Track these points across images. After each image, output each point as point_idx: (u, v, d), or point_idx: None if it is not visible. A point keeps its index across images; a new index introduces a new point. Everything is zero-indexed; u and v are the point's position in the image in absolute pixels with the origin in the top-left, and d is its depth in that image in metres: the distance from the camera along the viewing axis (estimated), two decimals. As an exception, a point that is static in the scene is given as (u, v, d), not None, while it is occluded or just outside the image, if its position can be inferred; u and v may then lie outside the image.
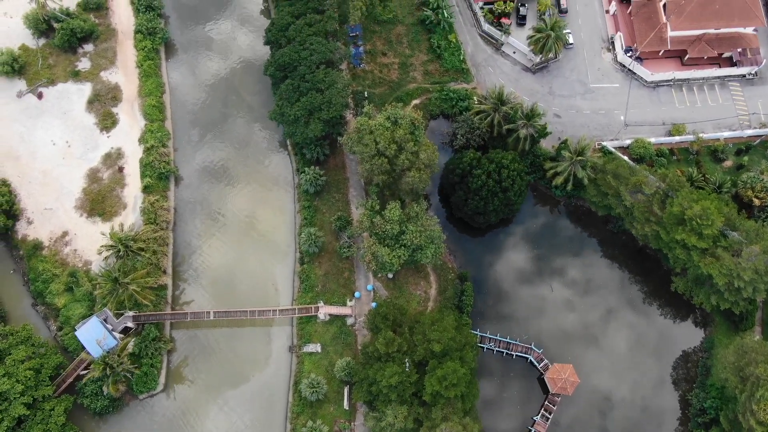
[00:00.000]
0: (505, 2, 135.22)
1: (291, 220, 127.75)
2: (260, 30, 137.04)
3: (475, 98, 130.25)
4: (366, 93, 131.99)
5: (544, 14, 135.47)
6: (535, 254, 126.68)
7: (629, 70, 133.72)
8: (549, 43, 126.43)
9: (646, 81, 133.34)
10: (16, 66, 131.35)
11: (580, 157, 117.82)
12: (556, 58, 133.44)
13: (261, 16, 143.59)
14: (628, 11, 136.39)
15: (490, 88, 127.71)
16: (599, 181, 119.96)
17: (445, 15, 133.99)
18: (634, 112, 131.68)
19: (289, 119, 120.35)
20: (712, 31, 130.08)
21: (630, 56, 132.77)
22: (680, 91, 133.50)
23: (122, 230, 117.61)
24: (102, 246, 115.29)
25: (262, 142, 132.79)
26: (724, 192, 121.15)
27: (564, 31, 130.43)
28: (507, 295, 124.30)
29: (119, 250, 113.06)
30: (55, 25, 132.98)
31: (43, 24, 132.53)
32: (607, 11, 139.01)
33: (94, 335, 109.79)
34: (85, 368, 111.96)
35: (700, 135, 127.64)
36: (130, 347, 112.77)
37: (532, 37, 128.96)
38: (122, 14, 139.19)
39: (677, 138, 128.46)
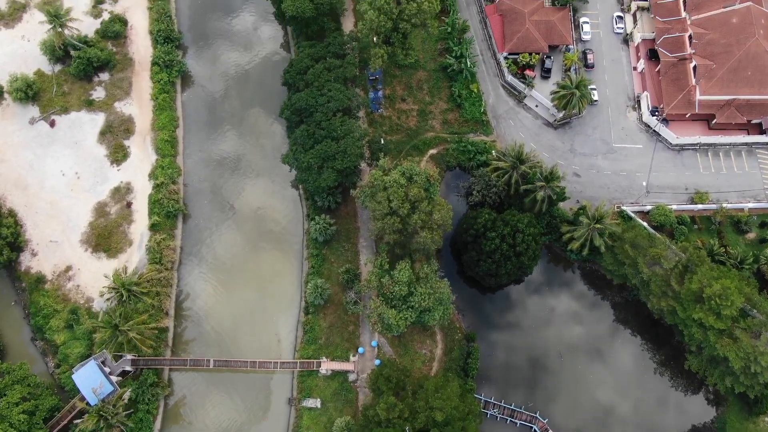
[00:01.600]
0: (530, 54, 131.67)
1: (298, 268, 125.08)
2: (279, 68, 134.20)
3: (493, 152, 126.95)
4: (382, 140, 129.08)
5: (570, 69, 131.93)
6: (545, 318, 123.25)
7: (654, 131, 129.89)
8: (573, 101, 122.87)
9: (670, 144, 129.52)
10: (30, 92, 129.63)
11: (598, 225, 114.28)
12: (580, 114, 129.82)
13: (281, 50, 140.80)
14: (656, 69, 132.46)
15: (510, 144, 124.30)
16: (616, 250, 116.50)
17: (468, 65, 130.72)
18: (656, 175, 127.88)
19: (302, 166, 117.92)
20: (742, 96, 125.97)
21: (656, 117, 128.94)
22: (705, 156, 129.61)
23: (126, 272, 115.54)
24: (104, 287, 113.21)
25: (273, 185, 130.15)
26: (745, 268, 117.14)
27: (589, 87, 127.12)
28: (514, 359, 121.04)
29: (122, 295, 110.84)
30: (72, 52, 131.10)
31: (59, 51, 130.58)
32: (635, 68, 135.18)
33: (91, 382, 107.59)
34: (79, 414, 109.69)
35: (724, 205, 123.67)
36: (126, 397, 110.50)
37: (556, 93, 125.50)
38: (140, 44, 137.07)
39: (700, 206, 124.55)
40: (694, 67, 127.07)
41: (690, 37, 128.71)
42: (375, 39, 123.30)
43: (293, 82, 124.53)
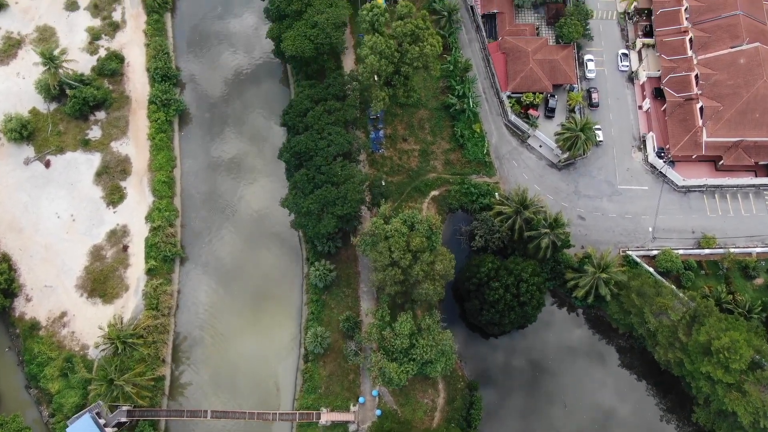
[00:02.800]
0: (534, 94, 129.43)
1: (297, 313, 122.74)
2: (278, 106, 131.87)
3: (496, 195, 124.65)
4: (383, 182, 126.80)
5: (575, 109, 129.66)
6: (549, 365, 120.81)
7: (660, 172, 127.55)
8: (578, 144, 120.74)
9: (676, 185, 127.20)
10: (24, 133, 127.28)
11: (604, 275, 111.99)
12: (584, 155, 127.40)
13: (281, 86, 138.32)
14: (662, 109, 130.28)
15: (513, 187, 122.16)
16: (622, 298, 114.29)
17: (471, 105, 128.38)
18: (662, 218, 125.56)
19: (301, 211, 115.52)
20: (750, 138, 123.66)
21: (663, 159, 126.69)
22: (712, 198, 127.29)
23: (122, 322, 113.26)
24: (100, 338, 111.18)
25: (272, 227, 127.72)
26: (753, 316, 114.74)
27: (594, 127, 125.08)
28: (517, 408, 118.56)
29: (117, 347, 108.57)
30: (68, 91, 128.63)
31: (55, 90, 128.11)
32: (640, 107, 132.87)
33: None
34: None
35: (731, 250, 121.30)
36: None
37: (560, 134, 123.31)
38: (137, 81, 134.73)
39: (706, 251, 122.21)
40: (701, 108, 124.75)
41: (696, 77, 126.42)
42: (376, 78, 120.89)
43: (292, 124, 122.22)
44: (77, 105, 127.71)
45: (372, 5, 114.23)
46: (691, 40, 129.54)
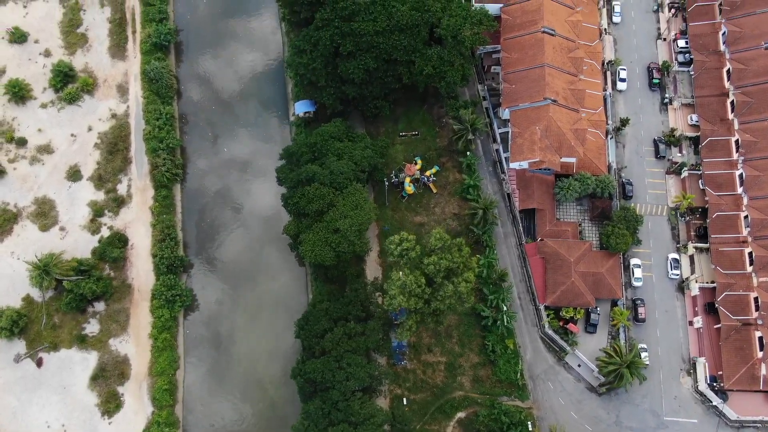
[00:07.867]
0: (575, 309, 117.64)
1: None
2: (293, 305, 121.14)
3: (529, 425, 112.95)
4: (405, 400, 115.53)
5: (619, 328, 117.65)
6: None
7: (712, 404, 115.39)
8: (624, 381, 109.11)
9: (729, 419, 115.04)
10: (16, 329, 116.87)
11: None
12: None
13: (296, 272, 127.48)
14: (715, 326, 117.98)
15: (551, 424, 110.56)
16: None
17: (506, 321, 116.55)
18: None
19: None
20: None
21: (716, 391, 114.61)
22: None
23: None
24: None
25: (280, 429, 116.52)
26: None
27: (639, 346, 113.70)
28: None
29: None
30: (65, 284, 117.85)
31: (51, 284, 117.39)
32: (691, 323, 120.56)
33: None
34: None
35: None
36: None
37: (603, 365, 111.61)
38: (141, 267, 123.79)
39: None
40: (761, 338, 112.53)
41: (756, 300, 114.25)
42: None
43: (308, 345, 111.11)
44: (74, 301, 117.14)
45: (401, 238, 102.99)
46: (751, 254, 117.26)
